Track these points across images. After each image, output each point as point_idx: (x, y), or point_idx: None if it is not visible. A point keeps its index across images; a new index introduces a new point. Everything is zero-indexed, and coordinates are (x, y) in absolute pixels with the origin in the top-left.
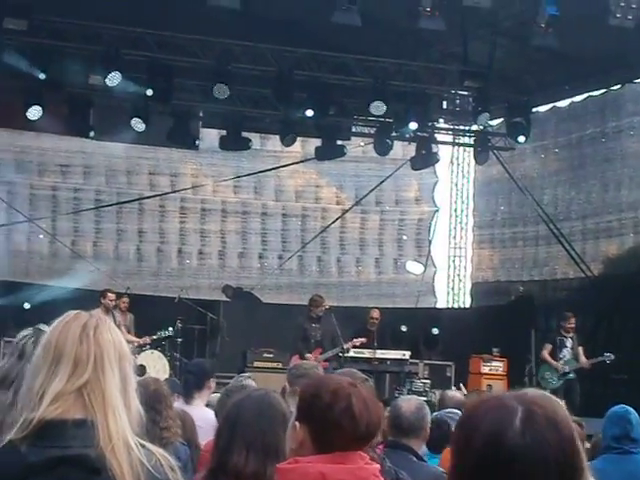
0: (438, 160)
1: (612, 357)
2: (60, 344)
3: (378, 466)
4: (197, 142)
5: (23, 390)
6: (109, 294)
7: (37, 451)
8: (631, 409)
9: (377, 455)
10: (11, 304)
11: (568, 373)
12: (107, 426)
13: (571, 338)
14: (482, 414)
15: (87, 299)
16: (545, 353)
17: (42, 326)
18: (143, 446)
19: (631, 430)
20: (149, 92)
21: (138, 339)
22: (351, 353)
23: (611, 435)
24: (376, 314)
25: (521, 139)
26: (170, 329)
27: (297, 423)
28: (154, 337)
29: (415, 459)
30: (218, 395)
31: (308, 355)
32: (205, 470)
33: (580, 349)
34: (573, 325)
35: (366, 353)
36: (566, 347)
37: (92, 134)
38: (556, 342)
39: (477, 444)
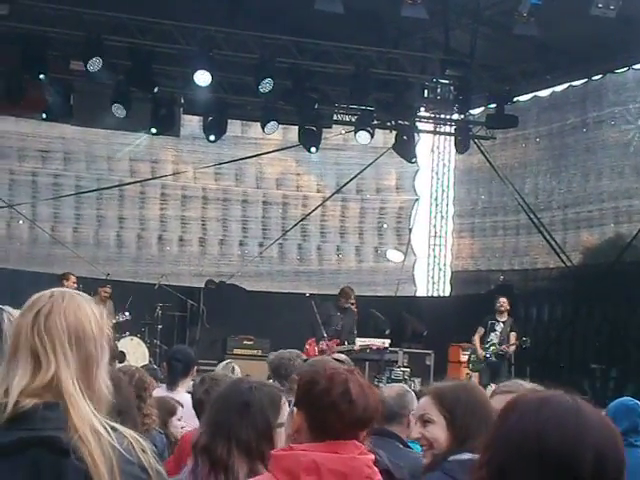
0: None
1: (528, 342)
2: (15, 335)
3: (372, 456)
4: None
5: None
6: (72, 277)
7: (7, 433)
8: (638, 402)
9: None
10: None
11: (489, 357)
12: (70, 415)
13: (503, 322)
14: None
15: (58, 286)
16: (476, 336)
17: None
18: (114, 429)
19: (639, 423)
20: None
21: None
22: None
23: (620, 429)
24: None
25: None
26: (127, 313)
27: (294, 409)
28: (113, 321)
29: (401, 446)
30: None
31: (322, 342)
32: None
33: (512, 334)
34: (503, 308)
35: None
36: (495, 331)
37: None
38: (487, 325)
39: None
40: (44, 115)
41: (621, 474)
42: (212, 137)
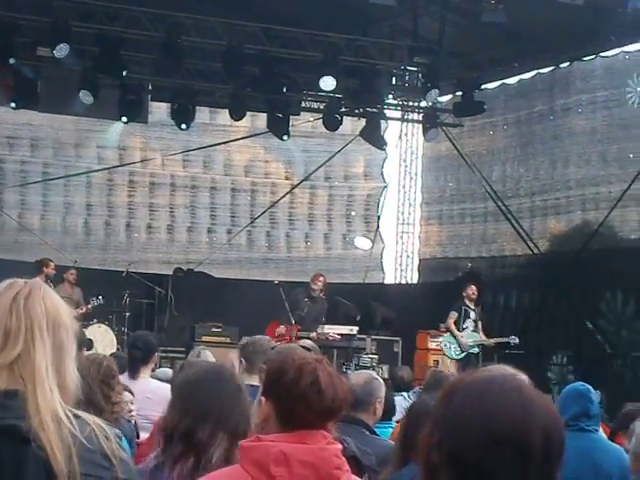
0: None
1: (517, 340)
2: None
3: (340, 446)
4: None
5: None
6: (51, 263)
7: None
8: (590, 387)
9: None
10: None
11: (472, 347)
12: (35, 399)
13: (473, 310)
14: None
15: (34, 272)
16: (450, 322)
17: None
18: (77, 417)
19: (591, 408)
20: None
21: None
22: None
23: (571, 414)
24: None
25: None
26: (100, 297)
27: (263, 398)
28: (89, 306)
29: (368, 432)
30: (164, 369)
31: (282, 327)
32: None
33: (479, 323)
34: (474, 296)
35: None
36: (469, 318)
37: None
38: (461, 311)
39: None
40: (13, 104)
41: (563, 451)
42: (183, 125)
